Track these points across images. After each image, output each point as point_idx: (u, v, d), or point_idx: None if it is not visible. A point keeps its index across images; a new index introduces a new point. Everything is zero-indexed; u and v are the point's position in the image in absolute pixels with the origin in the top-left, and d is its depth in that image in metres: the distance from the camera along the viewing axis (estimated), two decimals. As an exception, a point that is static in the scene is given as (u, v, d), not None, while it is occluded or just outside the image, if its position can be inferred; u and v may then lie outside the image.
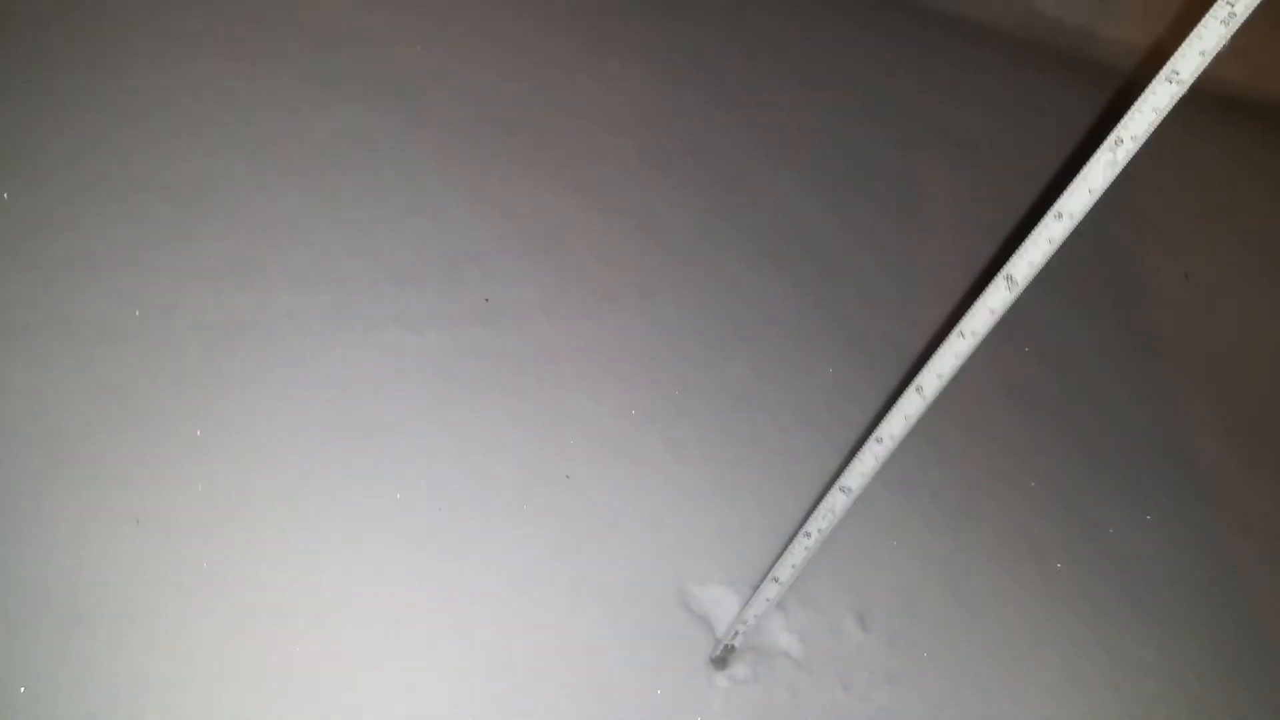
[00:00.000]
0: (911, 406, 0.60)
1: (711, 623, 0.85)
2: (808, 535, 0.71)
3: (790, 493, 0.96)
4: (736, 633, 0.81)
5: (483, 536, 0.82)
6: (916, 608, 0.93)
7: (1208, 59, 0.46)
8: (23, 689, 0.64)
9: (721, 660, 0.82)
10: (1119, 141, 0.49)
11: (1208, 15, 0.45)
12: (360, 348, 0.90)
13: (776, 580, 0.77)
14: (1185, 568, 1.07)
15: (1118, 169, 0.50)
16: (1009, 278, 0.55)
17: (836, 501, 0.68)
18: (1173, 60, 0.47)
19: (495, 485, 0.86)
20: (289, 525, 0.77)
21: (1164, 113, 0.48)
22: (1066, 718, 0.90)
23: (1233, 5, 0.45)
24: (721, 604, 0.86)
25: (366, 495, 0.81)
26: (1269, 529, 1.15)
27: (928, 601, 0.94)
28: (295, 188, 1.00)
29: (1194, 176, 1.72)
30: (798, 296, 1.16)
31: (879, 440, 0.63)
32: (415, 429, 0.87)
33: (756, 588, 0.80)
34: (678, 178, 1.22)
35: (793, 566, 0.74)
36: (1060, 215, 0.52)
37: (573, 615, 0.81)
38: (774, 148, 1.34)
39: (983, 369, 1.22)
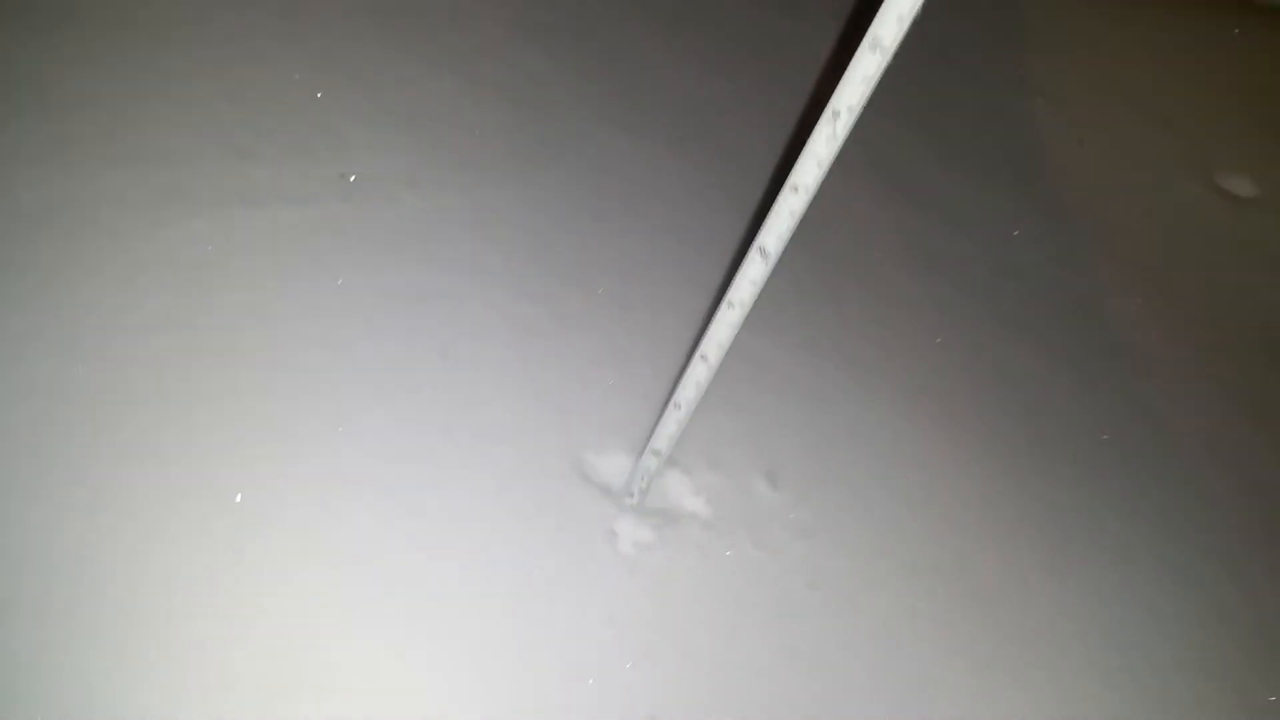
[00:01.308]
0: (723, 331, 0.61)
1: (612, 492, 0.79)
2: (677, 407, 0.68)
3: (677, 357, 0.90)
4: (631, 499, 0.76)
5: (358, 420, 0.75)
6: (827, 465, 0.89)
7: (905, 24, 0.45)
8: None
9: (614, 533, 0.77)
10: (836, 114, 0.49)
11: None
12: (198, 226, 0.80)
13: (656, 453, 0.72)
14: (1097, 411, 1.05)
15: (839, 141, 0.50)
16: (762, 249, 0.56)
17: (699, 371, 0.65)
18: (873, 28, 0.46)
19: (366, 367, 0.78)
20: (122, 418, 0.69)
21: (874, 80, 0.47)
22: (983, 553, 0.87)
23: None
24: (620, 472, 0.80)
25: (216, 386, 0.73)
26: (1175, 371, 1.14)
27: (837, 457, 0.90)
28: (122, 61, 0.89)
29: (1084, 47, 1.71)
30: (676, 163, 1.09)
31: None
32: (269, 311, 0.78)
33: (638, 459, 0.75)
34: (553, 48, 1.14)
35: (668, 437, 0.70)
36: (796, 189, 0.53)
37: (465, 493, 0.74)
38: (654, 16, 1.27)
39: (887, 234, 1.19)
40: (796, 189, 0.52)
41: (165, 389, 0.71)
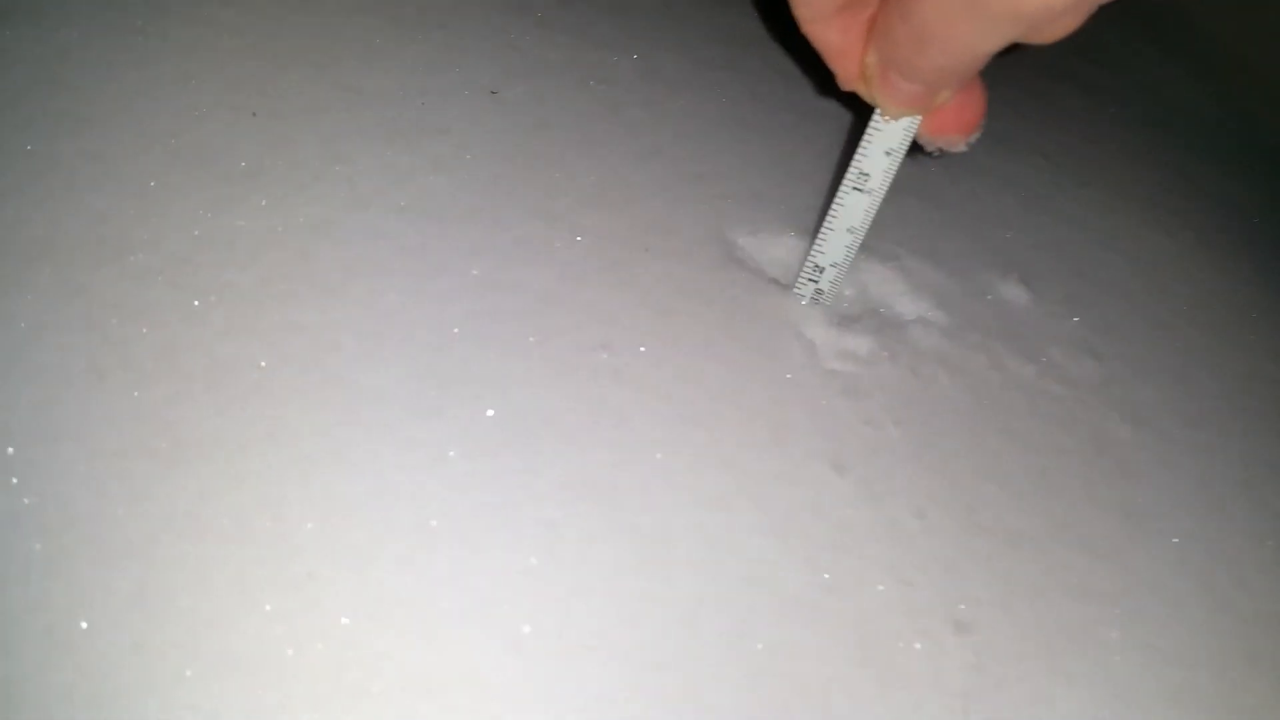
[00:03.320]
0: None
1: (781, 284, 0.48)
2: (863, 176, 0.38)
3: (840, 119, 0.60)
4: (817, 294, 0.45)
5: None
6: (1083, 272, 0.59)
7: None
8: None
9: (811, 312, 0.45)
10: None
11: None
12: None
13: (851, 229, 0.42)
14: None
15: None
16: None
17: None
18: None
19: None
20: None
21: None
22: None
23: None
24: (783, 262, 0.50)
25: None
26: None
27: (1092, 264, 0.60)
28: None
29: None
30: None
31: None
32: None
33: (813, 240, 0.44)
34: None
35: (862, 211, 0.41)
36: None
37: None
38: None
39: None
40: None
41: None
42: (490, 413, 0.36)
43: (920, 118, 0.38)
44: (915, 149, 0.40)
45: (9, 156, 0.38)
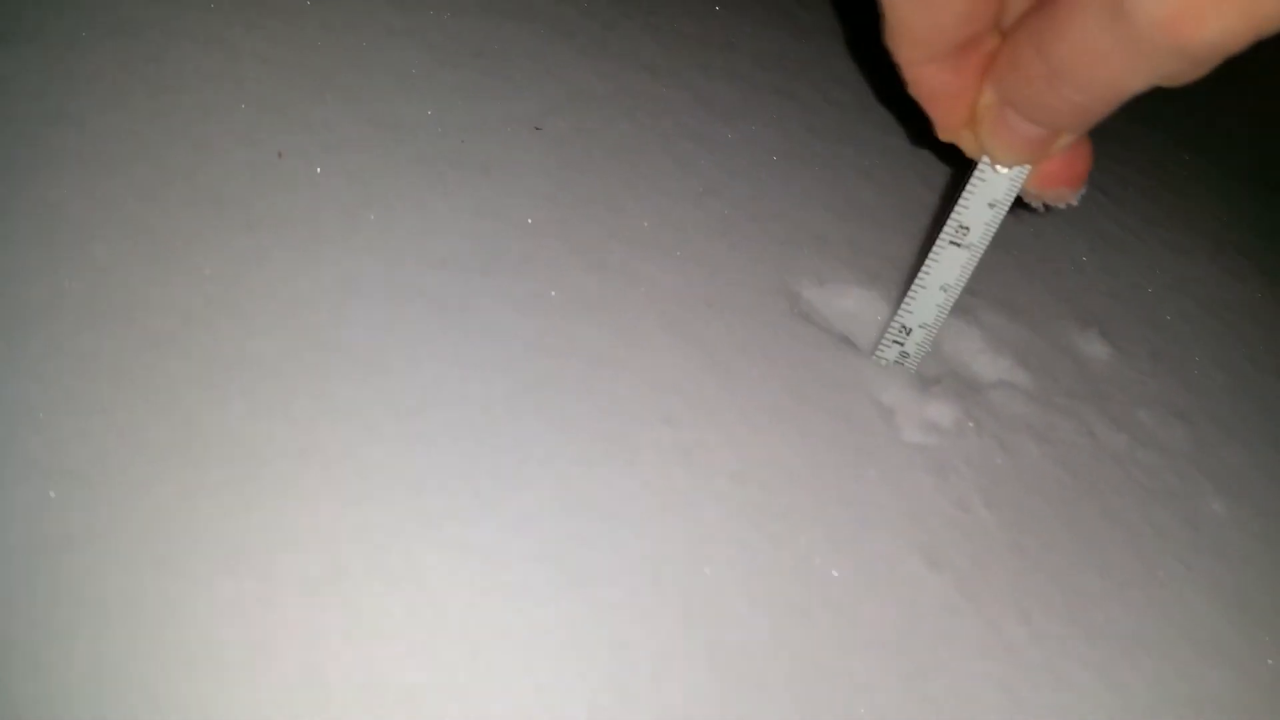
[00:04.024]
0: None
1: (856, 345, 0.44)
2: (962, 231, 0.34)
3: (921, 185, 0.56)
4: (903, 358, 0.41)
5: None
6: (1162, 324, 0.54)
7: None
8: None
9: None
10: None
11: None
12: None
13: (945, 287, 0.38)
14: None
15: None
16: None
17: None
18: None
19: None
20: None
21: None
22: None
23: None
24: (854, 316, 0.45)
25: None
26: None
27: (1171, 316, 0.55)
28: None
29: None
30: None
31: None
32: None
33: (899, 302, 0.40)
34: None
35: (955, 275, 0.37)
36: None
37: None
38: None
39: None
40: None
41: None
42: (544, 503, 0.32)
43: (1029, 168, 0.34)
44: (1016, 204, 0.36)
45: (1, 198, 0.34)
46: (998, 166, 0.34)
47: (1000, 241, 0.53)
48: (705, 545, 0.33)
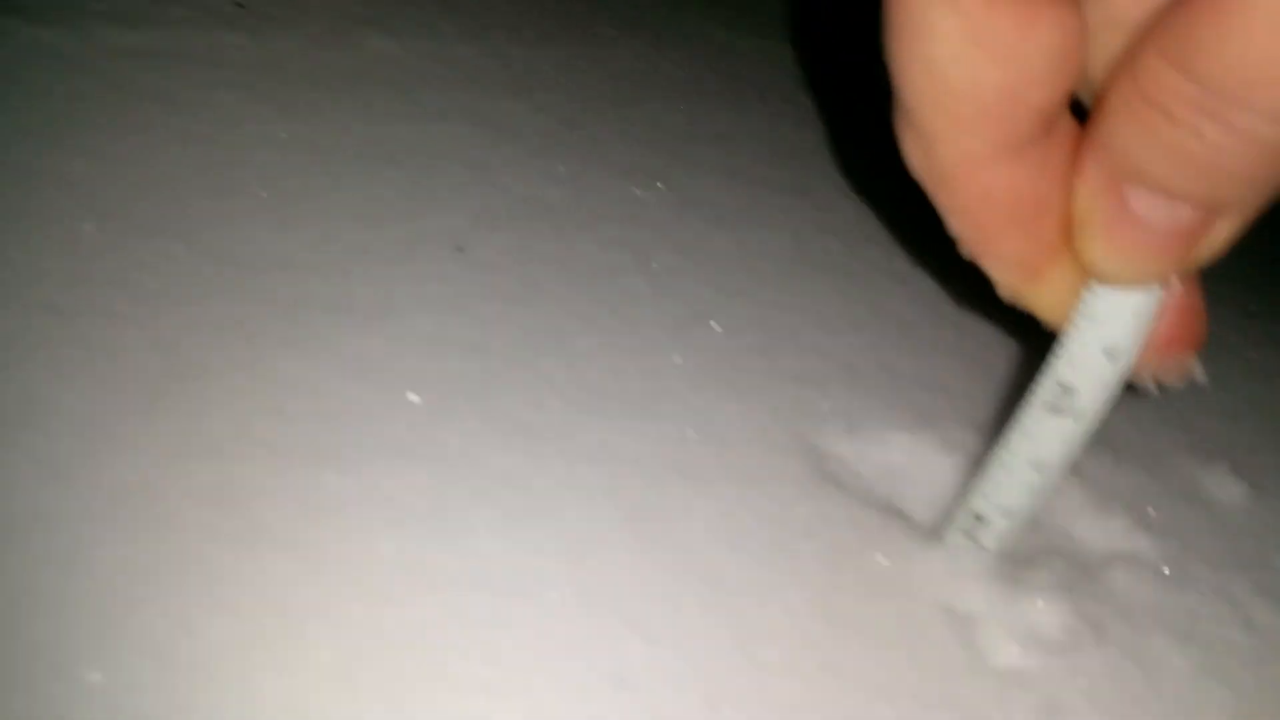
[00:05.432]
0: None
1: (913, 521, 0.31)
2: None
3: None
4: (974, 534, 0.28)
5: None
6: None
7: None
8: None
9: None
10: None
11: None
12: None
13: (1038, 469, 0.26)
14: None
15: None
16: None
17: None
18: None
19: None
20: None
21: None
22: None
23: None
24: (905, 476, 0.33)
25: None
26: None
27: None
28: None
29: None
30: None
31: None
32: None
33: (981, 471, 0.28)
34: None
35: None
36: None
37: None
38: None
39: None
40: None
41: None
42: None
43: (1161, 292, 0.22)
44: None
45: None
46: (1115, 291, 0.22)
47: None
48: None
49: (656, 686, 0.24)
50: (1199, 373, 0.24)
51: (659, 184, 0.41)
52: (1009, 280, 0.23)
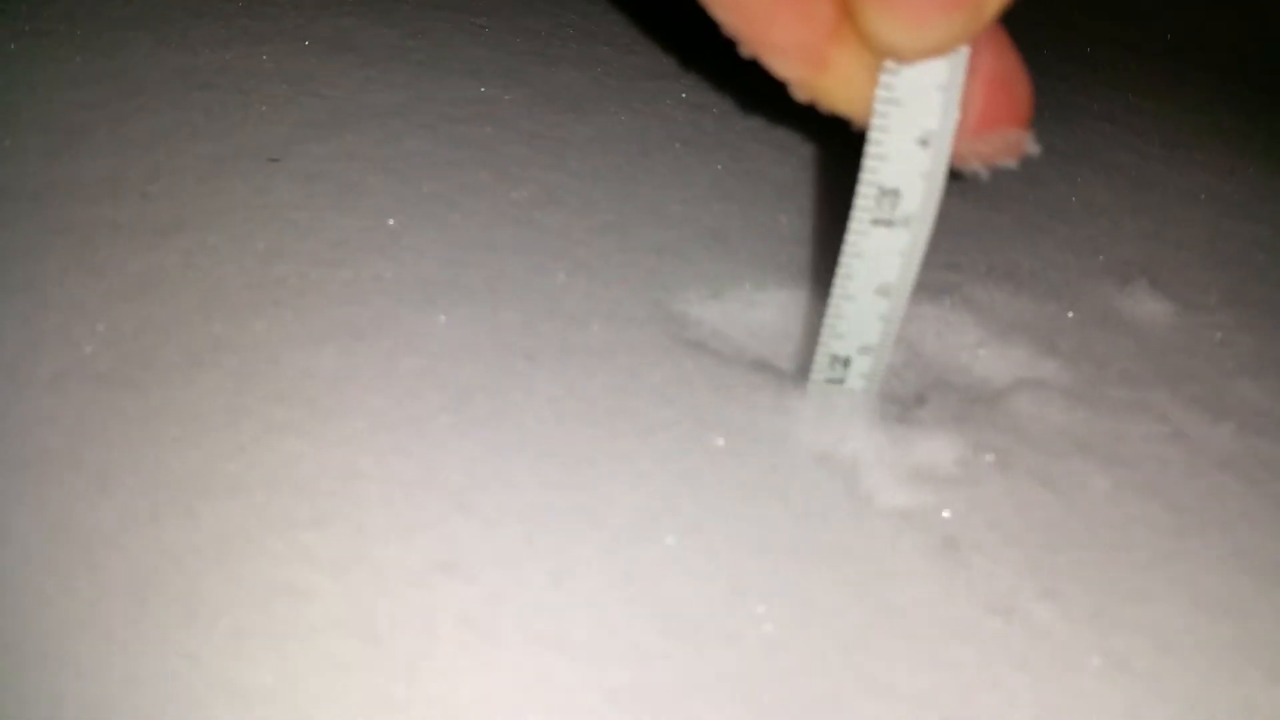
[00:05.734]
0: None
1: (775, 367, 0.29)
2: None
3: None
4: (841, 378, 0.25)
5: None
6: (1214, 252, 0.39)
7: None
8: None
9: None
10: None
11: None
12: None
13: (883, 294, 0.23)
14: None
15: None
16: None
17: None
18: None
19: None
20: None
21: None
22: None
23: None
24: (762, 330, 0.30)
25: None
26: None
27: (1217, 239, 0.40)
28: None
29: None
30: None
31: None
32: None
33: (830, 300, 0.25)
34: None
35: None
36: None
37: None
38: None
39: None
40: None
41: None
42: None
43: (965, 56, 0.19)
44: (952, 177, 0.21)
45: None
46: (912, 69, 0.19)
47: (984, 194, 0.39)
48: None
49: (492, 568, 0.21)
50: (1031, 146, 0.21)
51: (513, 83, 0.38)
52: (796, 75, 0.20)
